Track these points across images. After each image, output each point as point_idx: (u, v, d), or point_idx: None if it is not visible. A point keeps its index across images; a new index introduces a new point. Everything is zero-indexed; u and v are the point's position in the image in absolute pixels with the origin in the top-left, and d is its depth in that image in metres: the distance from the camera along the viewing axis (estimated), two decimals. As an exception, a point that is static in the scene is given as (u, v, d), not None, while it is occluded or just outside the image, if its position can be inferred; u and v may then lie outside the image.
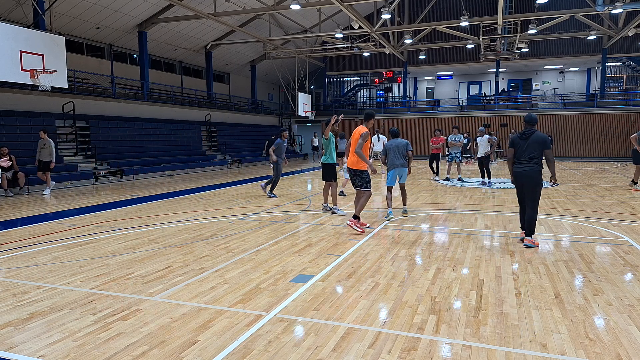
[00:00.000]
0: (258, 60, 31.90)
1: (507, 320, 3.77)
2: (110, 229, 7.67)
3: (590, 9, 21.50)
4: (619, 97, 30.48)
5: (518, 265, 5.35)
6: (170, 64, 26.96)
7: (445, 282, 4.76)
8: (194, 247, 6.39)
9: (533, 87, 34.47)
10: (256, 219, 8.56)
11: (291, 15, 25.68)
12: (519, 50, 26.09)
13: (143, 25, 21.66)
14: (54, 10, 15.80)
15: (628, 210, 9.04)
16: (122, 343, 3.42)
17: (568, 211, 9.11)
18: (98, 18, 19.75)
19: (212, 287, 4.66)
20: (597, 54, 29.57)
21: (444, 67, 33.82)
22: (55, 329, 3.67)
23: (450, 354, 3.22)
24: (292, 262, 5.54)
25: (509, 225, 7.75)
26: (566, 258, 5.66)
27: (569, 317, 3.82)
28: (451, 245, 6.38)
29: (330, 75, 37.47)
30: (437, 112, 33.07)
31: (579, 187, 12.99)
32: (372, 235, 6.99)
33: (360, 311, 3.98)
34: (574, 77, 34.02)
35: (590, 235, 6.97)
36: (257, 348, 3.31)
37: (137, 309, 4.09)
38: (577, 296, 4.33)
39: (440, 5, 27.56)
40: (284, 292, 4.49)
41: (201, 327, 3.69)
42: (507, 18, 22.73)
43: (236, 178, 17.35)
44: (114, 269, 5.35)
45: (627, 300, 4.21)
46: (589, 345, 3.32)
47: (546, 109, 31.03)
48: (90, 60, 21.40)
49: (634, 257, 5.70)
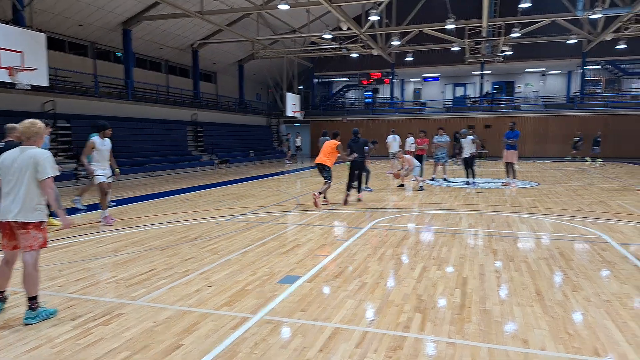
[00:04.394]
0: (246, 59, 31.75)
1: (490, 317, 3.85)
2: (92, 232, 7.57)
3: (570, 13, 22.05)
4: (597, 99, 31.23)
5: (501, 263, 5.45)
6: (156, 62, 26.66)
7: (431, 280, 4.82)
8: (179, 249, 6.34)
9: (516, 89, 35.06)
10: (243, 220, 8.53)
11: (279, 15, 25.62)
12: (503, 53, 26.60)
13: (128, 23, 21.37)
14: (34, 6, 15.47)
15: (606, 209, 9.28)
16: (102, 349, 3.34)
17: (549, 210, 9.29)
18: (81, 15, 19.42)
19: (197, 289, 4.63)
20: (578, 57, 30.27)
21: (431, 69, 34.16)
22: (32, 336, 3.56)
23: (435, 351, 3.27)
24: (280, 263, 5.54)
25: (492, 224, 7.88)
26: (547, 256, 5.79)
27: (550, 313, 3.92)
28: (436, 244, 6.46)
29: (319, 75, 37.50)
30: (423, 114, 33.37)
31: (559, 187, 13.25)
32: (360, 236, 7.04)
33: (347, 311, 4.01)
34: (555, 79, 34.73)
35: (570, 234, 7.14)
36: (243, 351, 3.30)
37: (119, 313, 4.01)
38: (557, 293, 4.44)
39: (427, 8, 27.80)
40: (271, 293, 4.49)
41: (185, 330, 3.65)
42: (491, 22, 23.15)
43: (223, 179, 17.25)
44: (95, 272, 5.26)
45: (604, 296, 4.33)
46: (568, 340, 3.42)
47: (528, 110, 31.66)
48: (72, 58, 21.01)
49: (611, 254, 5.86)
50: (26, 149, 3.88)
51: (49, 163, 3.87)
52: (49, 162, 3.86)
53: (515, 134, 13.20)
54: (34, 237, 3.84)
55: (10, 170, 3.83)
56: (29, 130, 3.91)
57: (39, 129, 3.96)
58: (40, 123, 4.03)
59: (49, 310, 3.93)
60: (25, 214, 3.79)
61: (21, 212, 3.78)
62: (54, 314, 3.95)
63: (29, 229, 3.81)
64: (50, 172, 3.85)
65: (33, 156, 3.82)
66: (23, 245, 3.84)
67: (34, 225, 3.84)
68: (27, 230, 3.81)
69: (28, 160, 3.80)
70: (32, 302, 3.82)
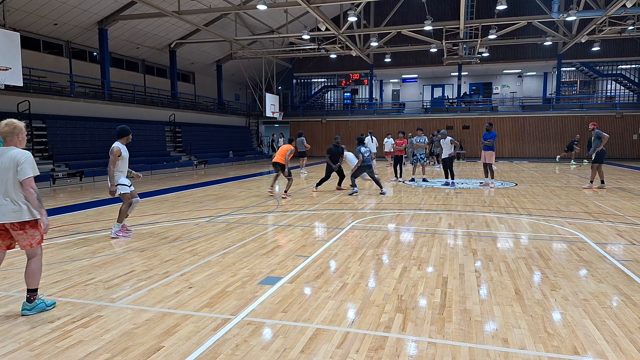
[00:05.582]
0: (224, 60, 31.50)
1: (471, 316, 3.89)
2: (69, 233, 7.38)
3: (546, 15, 22.55)
4: (573, 100, 32.01)
5: (480, 263, 5.52)
6: (133, 62, 26.22)
7: (411, 280, 4.86)
8: (158, 250, 6.24)
9: (493, 90, 35.70)
10: (223, 221, 8.45)
11: (258, 16, 25.51)
12: (480, 55, 27.06)
13: (104, 22, 20.95)
14: (7, 4, 15.08)
15: (582, 209, 9.49)
16: (82, 351, 3.30)
17: (526, 210, 9.47)
18: (56, 14, 18.96)
19: (177, 291, 4.57)
20: (553, 59, 31.01)
21: (409, 70, 34.51)
22: (9, 339, 3.50)
23: (417, 351, 3.28)
24: (260, 264, 5.50)
25: (472, 224, 7.99)
26: (525, 255, 5.89)
27: (529, 313, 3.97)
28: (417, 244, 6.51)
29: (298, 76, 37.48)
30: (402, 114, 33.66)
31: (536, 187, 13.54)
32: (340, 236, 7.04)
33: (329, 312, 4.00)
34: (531, 81, 35.50)
35: (548, 233, 7.27)
36: (224, 352, 3.27)
37: (98, 315, 3.96)
38: (536, 292, 4.51)
39: (405, 9, 28.12)
40: (251, 294, 4.45)
41: (166, 332, 3.61)
42: (468, 23, 23.50)
43: (202, 179, 17.06)
44: (73, 274, 5.15)
45: (582, 295, 4.41)
46: (547, 339, 3.46)
47: (505, 111, 32.24)
48: (47, 58, 20.52)
49: (588, 253, 5.98)
50: (6, 150, 3.92)
51: (29, 163, 3.90)
52: (28, 163, 3.90)
53: (492, 134, 13.41)
54: (31, 235, 3.96)
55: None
56: (2, 130, 3.93)
57: (13, 128, 3.94)
58: (17, 122, 4.01)
59: (45, 302, 4.07)
60: (19, 214, 3.88)
61: (15, 213, 3.86)
62: (52, 306, 4.09)
63: (25, 229, 3.92)
64: (30, 172, 3.90)
65: (14, 157, 3.87)
66: (22, 244, 3.97)
67: (30, 225, 3.94)
68: (24, 230, 3.92)
69: (10, 162, 3.86)
70: (30, 294, 3.99)
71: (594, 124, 12.92)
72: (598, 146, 12.39)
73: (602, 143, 12.35)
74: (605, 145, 12.37)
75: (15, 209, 3.85)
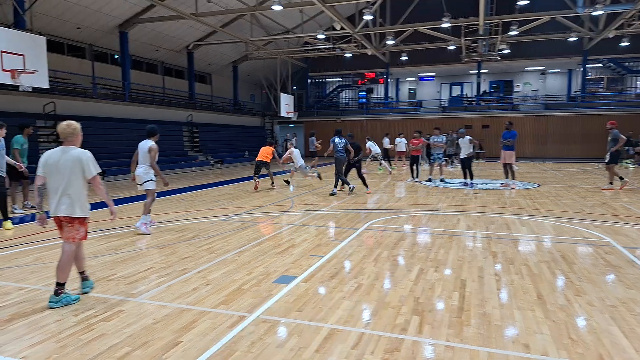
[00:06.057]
0: (240, 60, 31.71)
1: (490, 320, 3.79)
2: (92, 230, 7.48)
3: (570, 10, 21.84)
4: (599, 98, 30.96)
5: (500, 266, 5.39)
6: (152, 64, 26.60)
7: (428, 283, 4.77)
8: (177, 248, 6.31)
9: (514, 88, 34.85)
10: (239, 219, 8.48)
11: (273, 16, 25.57)
12: (501, 52, 26.39)
13: (124, 26, 21.32)
14: (34, 10, 15.50)
15: (609, 212, 9.12)
16: (104, 344, 3.39)
17: (550, 212, 9.22)
18: (79, 18, 19.38)
19: (195, 288, 4.61)
20: (578, 55, 29.94)
21: (426, 68, 34.06)
22: (37, 330, 3.64)
23: (433, 354, 3.22)
24: (275, 263, 5.50)
25: (491, 226, 7.83)
26: (548, 259, 5.71)
27: (551, 318, 3.84)
28: (434, 246, 6.41)
29: (313, 76, 37.46)
30: (419, 114, 33.30)
31: (560, 188, 13.20)
32: (355, 237, 6.99)
33: (343, 312, 3.96)
34: (555, 78, 34.47)
35: (572, 236, 7.02)
36: (240, 349, 3.29)
37: (120, 310, 4.06)
38: (559, 297, 4.36)
39: (422, 6, 27.73)
40: (267, 293, 4.45)
41: (184, 328, 3.67)
42: (488, 19, 22.95)
43: (218, 179, 17.19)
44: (97, 270, 5.27)
45: (608, 301, 4.23)
46: (571, 345, 3.34)
47: (527, 110, 31.44)
48: (71, 61, 20.97)
49: (616, 257, 5.73)
50: (68, 150, 4.20)
51: (92, 162, 4.24)
52: (91, 161, 4.23)
53: (512, 134, 13.07)
54: (77, 230, 4.23)
55: (56, 170, 4.13)
56: (64, 131, 4.22)
57: (74, 129, 4.26)
58: (76, 124, 4.30)
59: (71, 297, 4.24)
60: (72, 210, 4.15)
61: (69, 208, 4.14)
62: (76, 300, 4.25)
63: (74, 223, 4.20)
64: (94, 170, 4.23)
65: (77, 157, 4.16)
66: (66, 236, 4.22)
67: (79, 221, 4.22)
68: (73, 224, 4.20)
69: (73, 161, 4.14)
70: (58, 287, 4.16)
71: (613, 122, 12.56)
72: (612, 147, 12.15)
73: (618, 145, 12.15)
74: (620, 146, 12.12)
75: (69, 204, 4.13)
